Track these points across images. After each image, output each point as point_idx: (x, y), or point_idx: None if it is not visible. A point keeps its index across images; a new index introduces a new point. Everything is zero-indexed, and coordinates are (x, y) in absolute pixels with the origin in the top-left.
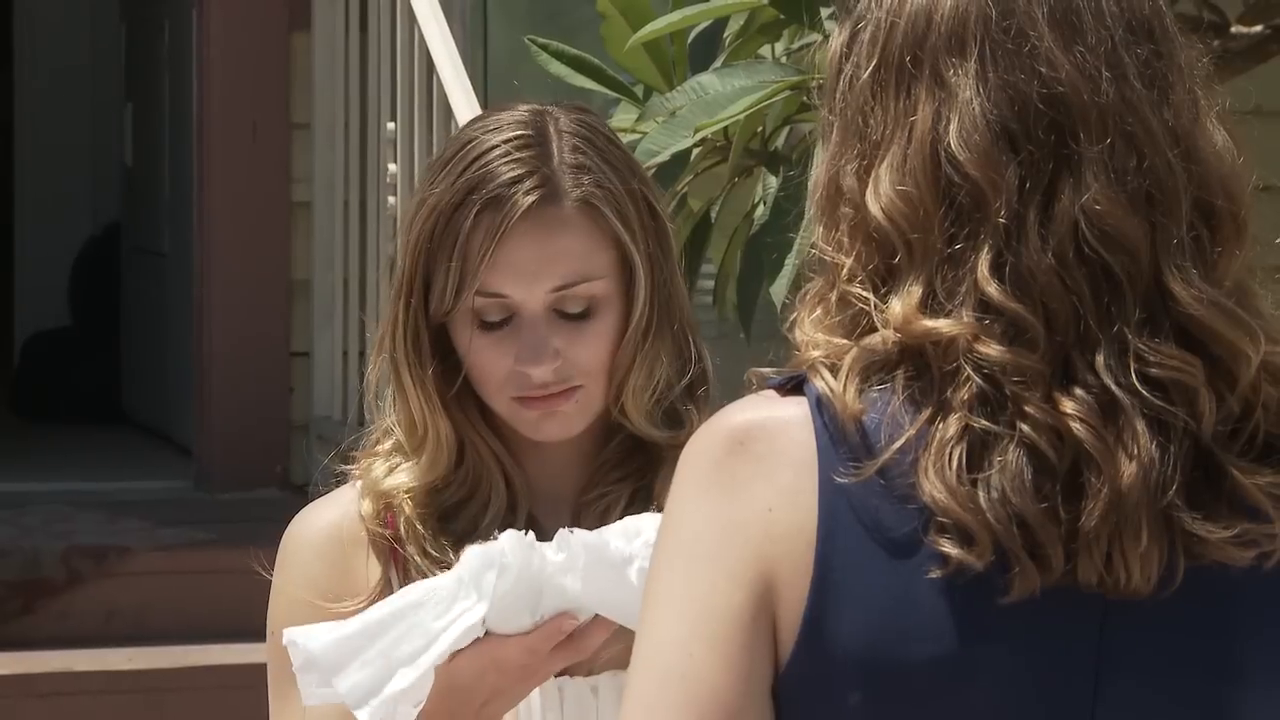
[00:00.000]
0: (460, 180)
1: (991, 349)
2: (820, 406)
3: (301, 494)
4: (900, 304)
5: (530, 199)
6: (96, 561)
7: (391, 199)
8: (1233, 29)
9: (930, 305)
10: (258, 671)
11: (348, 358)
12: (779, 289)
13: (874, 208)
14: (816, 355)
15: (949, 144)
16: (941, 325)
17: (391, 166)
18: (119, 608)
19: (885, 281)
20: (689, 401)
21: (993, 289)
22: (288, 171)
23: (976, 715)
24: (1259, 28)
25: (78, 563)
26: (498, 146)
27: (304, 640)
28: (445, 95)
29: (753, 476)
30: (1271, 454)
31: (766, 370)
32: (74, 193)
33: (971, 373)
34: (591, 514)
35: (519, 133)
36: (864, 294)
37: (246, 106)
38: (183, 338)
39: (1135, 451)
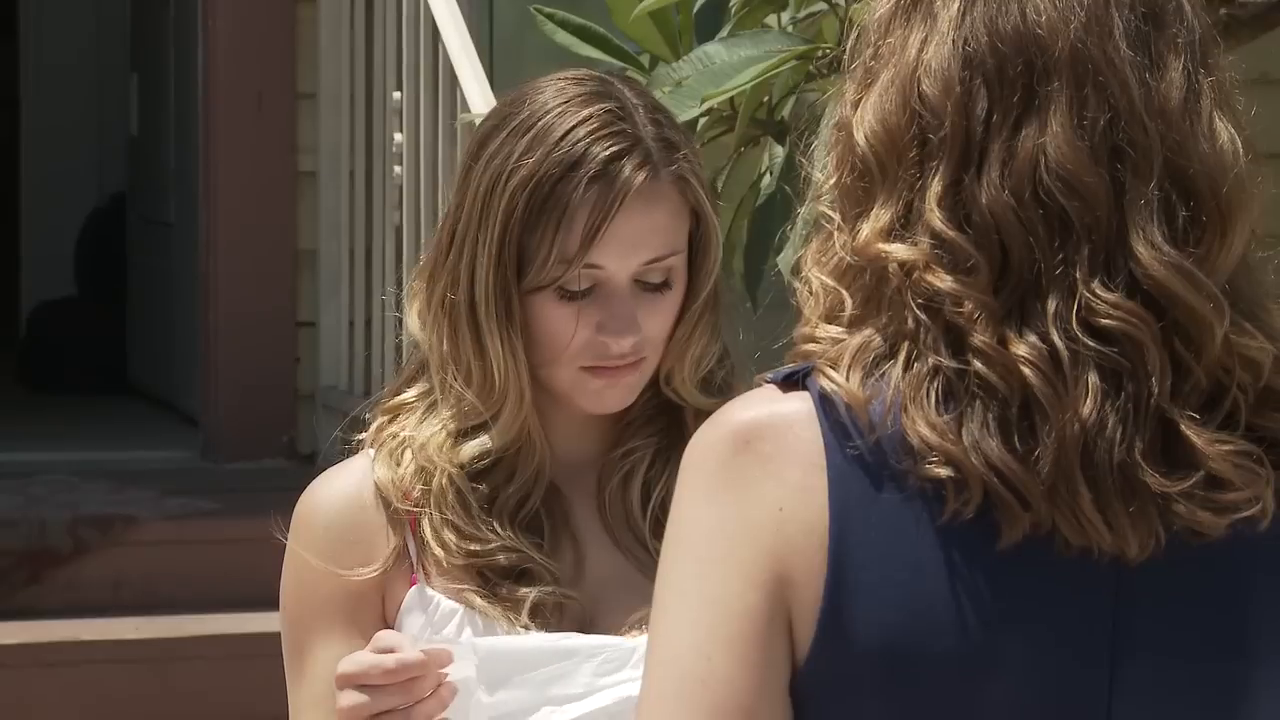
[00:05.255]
0: (557, 152)
1: (941, 279)
2: (824, 402)
3: (308, 464)
4: (866, 228)
5: (641, 175)
6: (103, 531)
7: (397, 168)
8: None
9: (893, 233)
10: (265, 640)
11: (354, 327)
12: (786, 259)
13: (857, 134)
14: (814, 349)
15: (920, 74)
16: (896, 250)
17: (397, 136)
18: (126, 577)
19: (860, 206)
20: (724, 368)
21: (938, 218)
22: (293, 141)
23: (994, 703)
24: None
25: (84, 533)
26: (590, 119)
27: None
28: (451, 64)
29: (761, 476)
30: (1237, 427)
31: (768, 375)
32: (79, 163)
33: (923, 303)
34: (616, 473)
35: (603, 105)
36: (831, 214)
37: (252, 76)
38: (189, 308)
39: (1083, 403)
